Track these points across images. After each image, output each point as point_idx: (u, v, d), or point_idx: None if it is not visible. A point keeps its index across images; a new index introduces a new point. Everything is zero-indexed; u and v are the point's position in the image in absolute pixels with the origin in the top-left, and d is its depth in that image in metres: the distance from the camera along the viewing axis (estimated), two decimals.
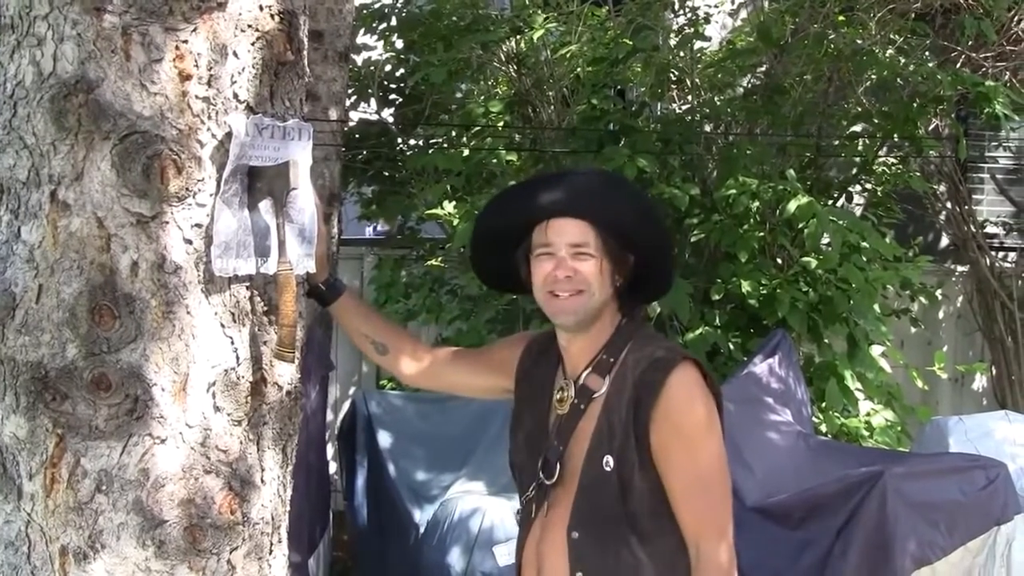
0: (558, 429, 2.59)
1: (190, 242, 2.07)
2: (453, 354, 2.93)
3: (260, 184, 2.18)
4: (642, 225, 2.63)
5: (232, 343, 2.14)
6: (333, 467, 5.44)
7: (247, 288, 2.17)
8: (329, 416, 5.37)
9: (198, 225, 2.08)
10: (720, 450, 2.51)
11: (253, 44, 2.15)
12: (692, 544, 2.50)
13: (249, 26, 2.13)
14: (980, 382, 8.56)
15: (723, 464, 2.51)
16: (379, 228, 7.92)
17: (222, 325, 2.12)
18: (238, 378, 2.15)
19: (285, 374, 2.27)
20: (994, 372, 8.30)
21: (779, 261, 5.85)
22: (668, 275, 2.74)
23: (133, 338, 2.03)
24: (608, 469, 2.47)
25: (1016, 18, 6.57)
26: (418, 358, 2.88)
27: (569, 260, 2.54)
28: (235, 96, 2.13)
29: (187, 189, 2.06)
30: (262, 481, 2.23)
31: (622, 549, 2.49)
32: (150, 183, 2.02)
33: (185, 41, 2.05)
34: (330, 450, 5.38)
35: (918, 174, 7.03)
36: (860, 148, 6.75)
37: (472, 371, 2.88)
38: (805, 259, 5.58)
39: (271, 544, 2.28)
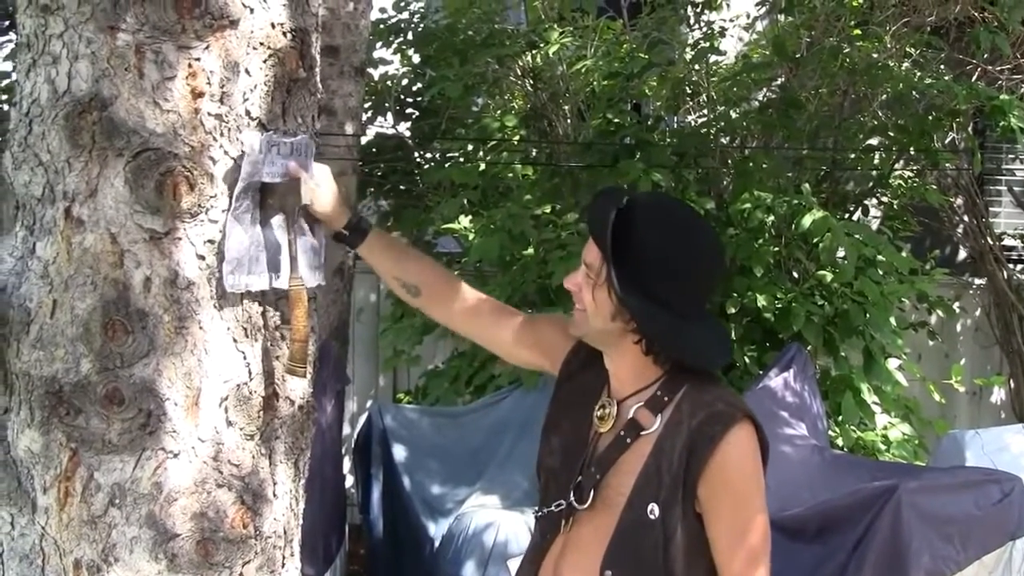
0: (598, 456, 2.49)
1: (203, 258, 2.09)
2: (498, 309, 2.79)
3: (272, 200, 2.20)
4: (666, 276, 2.40)
5: (244, 358, 2.15)
6: (349, 480, 5.45)
7: (259, 303, 2.19)
8: (345, 430, 5.39)
9: (210, 241, 2.10)
10: (764, 504, 2.45)
11: (265, 61, 2.17)
12: None
13: (261, 44, 2.15)
14: (998, 395, 8.52)
15: (766, 517, 2.44)
16: None
17: (234, 340, 2.14)
18: (250, 393, 2.16)
19: (297, 389, 2.28)
20: (1012, 385, 8.26)
21: (794, 275, 5.85)
22: (680, 347, 2.45)
23: (146, 353, 2.05)
24: (652, 517, 2.38)
25: None
26: (456, 301, 2.76)
27: (579, 275, 2.46)
28: (247, 113, 2.14)
29: (199, 205, 2.07)
30: (274, 495, 2.24)
31: None
32: (163, 199, 2.04)
33: (198, 59, 2.07)
34: (346, 464, 5.39)
35: (934, 187, 7.02)
36: (876, 161, 6.74)
37: (517, 338, 2.72)
38: (820, 273, 5.57)
39: (283, 558, 2.29)
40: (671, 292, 2.41)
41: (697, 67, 6.63)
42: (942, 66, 6.92)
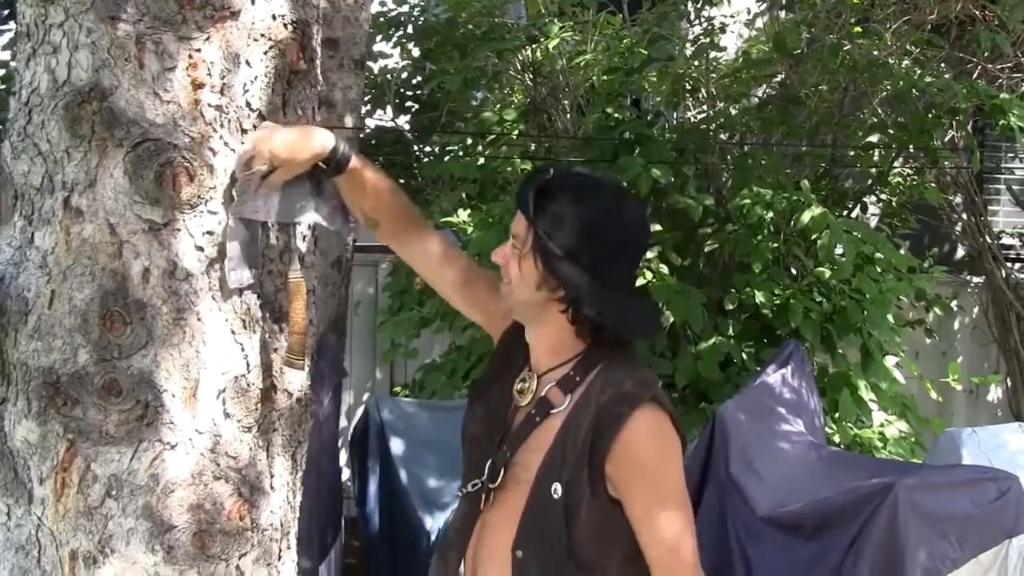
0: (510, 434, 2.47)
1: (201, 249, 2.09)
2: (449, 254, 2.71)
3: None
4: (591, 241, 2.36)
5: (242, 350, 2.15)
6: (346, 474, 5.44)
7: (258, 295, 2.18)
8: (342, 423, 5.38)
9: (209, 232, 2.09)
10: (681, 480, 2.40)
11: (266, 53, 2.17)
12: (655, 569, 2.39)
13: (262, 35, 2.15)
14: (995, 394, 8.52)
15: (685, 496, 2.40)
16: None
17: (232, 332, 2.14)
18: (248, 385, 2.16)
19: (295, 381, 2.28)
20: (1009, 384, 8.26)
21: (793, 271, 5.84)
22: (613, 318, 2.41)
23: (144, 344, 2.05)
24: (556, 497, 2.35)
25: None
26: (412, 242, 2.68)
27: (507, 247, 2.43)
28: (247, 105, 2.14)
29: (199, 197, 2.07)
30: (271, 487, 2.24)
31: (576, 573, 2.39)
32: (162, 190, 2.04)
33: (198, 50, 2.07)
34: (343, 456, 5.39)
35: (933, 185, 7.01)
36: (875, 159, 6.74)
37: (458, 288, 2.68)
38: (819, 269, 5.57)
39: (280, 550, 2.30)
40: (596, 260, 2.37)
41: (697, 63, 6.62)
42: (942, 64, 6.92)
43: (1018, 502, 3.87)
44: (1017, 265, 8.73)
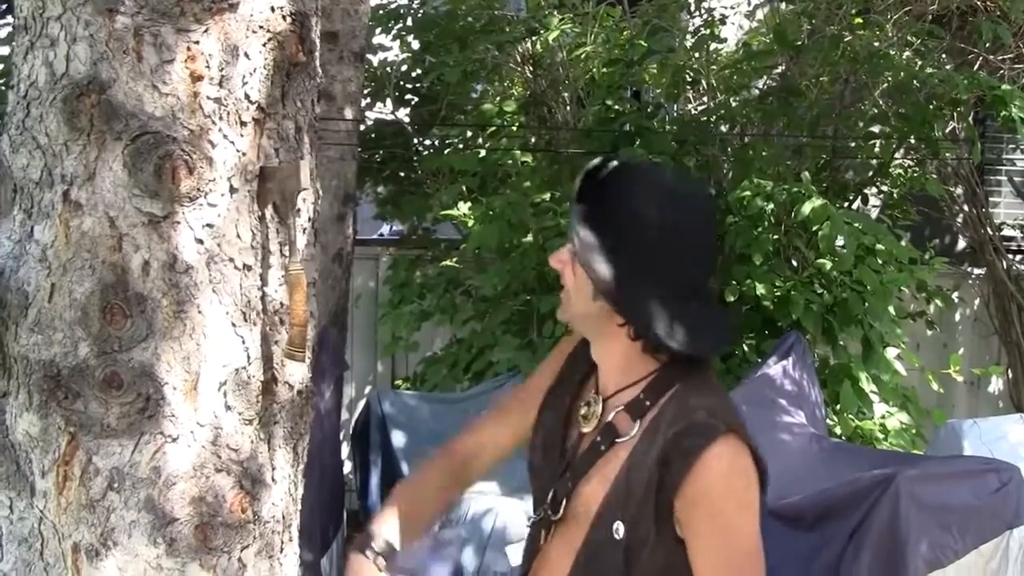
0: (573, 463, 2.23)
1: (201, 242, 2.08)
2: (482, 442, 2.50)
3: (271, 184, 2.19)
4: (645, 248, 2.10)
5: (243, 342, 2.15)
6: (348, 467, 5.45)
7: (258, 288, 2.18)
8: (344, 416, 5.38)
9: (209, 225, 2.09)
10: (757, 534, 2.11)
11: (264, 45, 2.16)
12: None
13: (261, 27, 2.14)
14: (996, 385, 8.53)
15: (759, 549, 2.11)
16: (394, 228, 7.94)
17: (233, 325, 2.13)
18: (249, 377, 2.16)
19: (296, 373, 2.28)
20: (1010, 375, 8.27)
21: (794, 263, 5.84)
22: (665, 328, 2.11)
23: (144, 337, 2.04)
24: (618, 537, 2.10)
25: None
26: (473, 466, 2.49)
27: (565, 251, 2.19)
28: (246, 97, 2.14)
29: (198, 189, 2.07)
30: (273, 480, 2.24)
31: None
32: (161, 183, 2.03)
33: (196, 42, 2.06)
34: (344, 449, 5.39)
35: (934, 177, 7.02)
36: (876, 150, 6.74)
37: (509, 432, 2.46)
38: (820, 261, 5.57)
39: (282, 543, 2.29)
40: (657, 266, 2.10)
41: (697, 54, 6.62)
42: (943, 55, 6.92)
43: (1019, 493, 3.88)
44: (1018, 257, 8.72)
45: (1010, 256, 8.44)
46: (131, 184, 2.03)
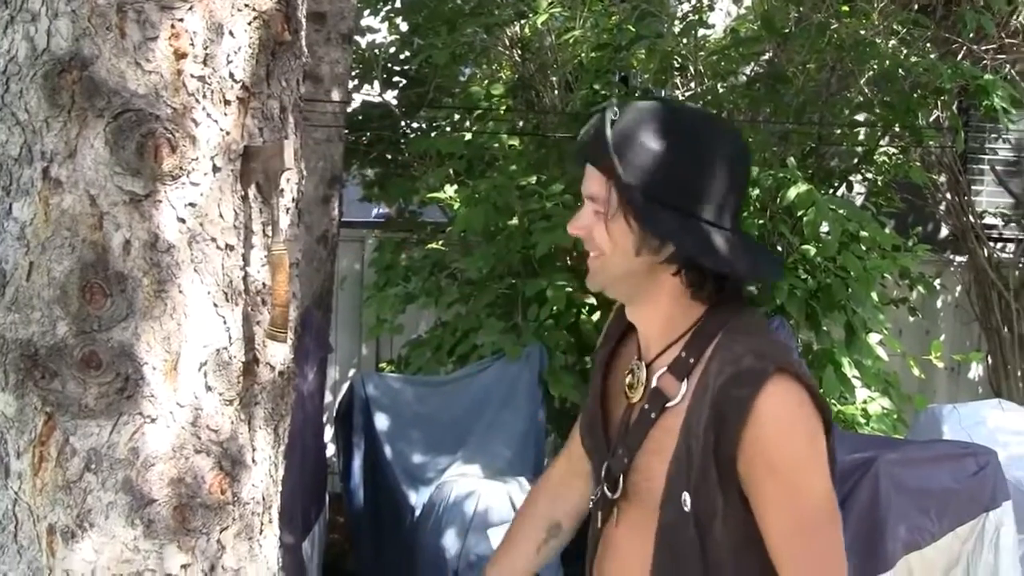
0: (624, 435, 2.11)
1: (183, 221, 2.07)
2: (556, 483, 2.45)
3: (255, 164, 2.18)
4: (686, 178, 2.01)
5: (225, 323, 2.13)
6: (330, 449, 5.44)
7: (240, 268, 2.17)
8: (327, 398, 5.38)
9: (192, 204, 2.07)
10: (827, 486, 1.97)
11: (250, 23, 2.15)
12: None
13: (246, 5, 2.13)
14: (976, 371, 8.58)
15: (831, 504, 1.98)
16: (381, 211, 7.93)
17: (215, 305, 2.12)
18: (230, 358, 2.15)
19: (278, 354, 2.27)
20: (990, 361, 8.32)
21: (778, 248, 5.84)
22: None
23: (124, 317, 2.03)
24: (686, 509, 1.97)
25: (1016, 12, 6.55)
26: (559, 505, 2.42)
27: (586, 216, 2.07)
28: (231, 76, 2.12)
29: (181, 168, 2.05)
30: (253, 461, 2.23)
31: None
32: (143, 161, 2.01)
33: (181, 19, 2.04)
34: (327, 432, 5.38)
35: (918, 164, 7.04)
36: (861, 138, 6.75)
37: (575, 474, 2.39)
38: (804, 247, 5.57)
39: (262, 524, 2.28)
40: (700, 199, 2.01)
41: (685, 40, 6.61)
42: (928, 44, 6.92)
43: (996, 477, 3.92)
44: (999, 245, 8.77)
45: (991, 244, 8.48)
46: (112, 162, 2.01)
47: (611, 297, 2.15)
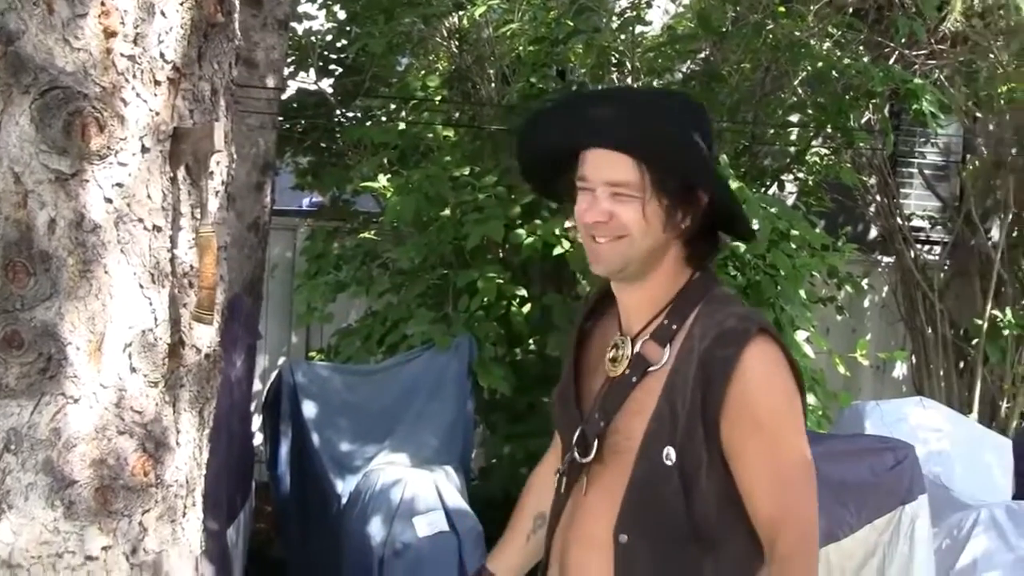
0: (603, 399, 2.20)
1: (110, 201, 2.06)
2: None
3: (184, 145, 2.17)
4: (705, 158, 2.18)
5: (150, 304, 2.12)
6: (259, 439, 5.41)
7: (168, 250, 2.16)
8: (257, 386, 5.35)
9: (119, 184, 2.06)
10: (804, 443, 2.10)
11: (182, 4, 2.14)
12: (767, 543, 2.09)
13: None
14: (900, 370, 8.73)
15: (806, 457, 2.10)
16: (313, 199, 7.88)
17: (141, 286, 2.11)
18: (155, 339, 2.14)
19: (204, 337, 2.26)
20: (914, 360, 8.45)
21: None
22: (734, 210, 2.23)
23: (48, 296, 2.01)
24: (669, 464, 2.06)
25: (946, 19, 6.65)
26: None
27: (604, 201, 2.12)
28: (162, 56, 2.11)
29: (109, 148, 2.04)
30: (177, 443, 2.22)
31: (683, 561, 2.11)
32: (71, 140, 2.00)
33: None
34: (256, 420, 5.36)
35: (849, 166, 7.13)
36: (793, 138, 6.82)
37: None
38: (734, 243, 5.62)
39: (185, 507, 2.28)
40: (708, 173, 2.21)
41: (623, 36, 6.63)
42: (861, 48, 7.01)
43: (913, 471, 4.00)
44: (926, 247, 8.91)
45: (918, 246, 8.62)
46: (38, 140, 1.99)
47: (618, 278, 2.22)
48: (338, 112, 7.35)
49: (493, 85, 6.83)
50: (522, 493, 2.57)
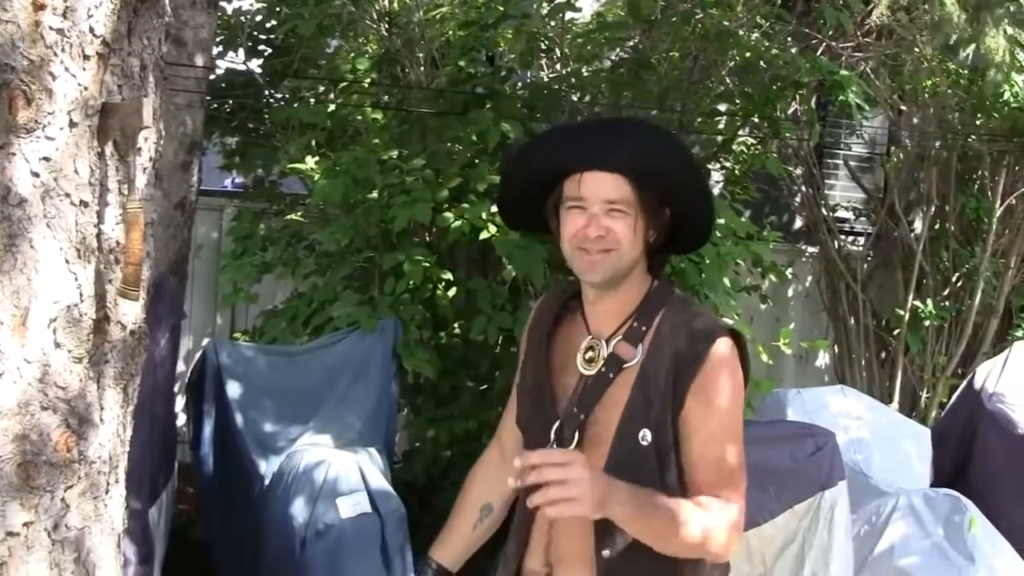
0: (581, 395, 2.49)
1: (37, 175, 2.04)
2: (510, 425, 2.76)
3: (112, 121, 2.16)
4: (684, 180, 2.53)
5: (76, 279, 2.12)
6: (182, 419, 5.38)
7: (94, 225, 2.15)
8: (181, 368, 5.31)
9: (46, 159, 2.05)
10: (740, 421, 2.47)
11: None
12: (716, 491, 2.41)
13: None
14: (823, 359, 8.85)
15: (740, 434, 2.46)
16: (236, 181, 7.83)
17: (67, 261, 2.10)
18: (81, 315, 2.13)
19: (129, 313, 2.25)
20: (836, 350, 8.57)
21: None
22: (706, 227, 2.63)
23: None
24: (645, 444, 2.39)
25: (871, 12, 6.74)
26: (496, 485, 2.77)
27: (602, 217, 2.42)
28: (91, 30, 2.10)
29: (36, 121, 2.03)
30: (101, 420, 2.21)
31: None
32: None
33: None
34: (180, 401, 5.32)
35: (775, 156, 7.20)
36: (721, 127, 6.88)
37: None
38: None
39: (108, 484, 2.27)
40: (683, 198, 2.53)
41: (552, 22, 6.66)
42: (789, 38, 7.08)
43: (833, 457, 4.06)
44: (850, 238, 9.03)
45: (842, 237, 8.74)
46: None
47: (603, 287, 2.50)
48: (267, 93, 7.31)
49: (422, 69, 6.82)
50: (465, 485, 2.82)
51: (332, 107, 6.36)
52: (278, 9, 7.09)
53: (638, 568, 2.42)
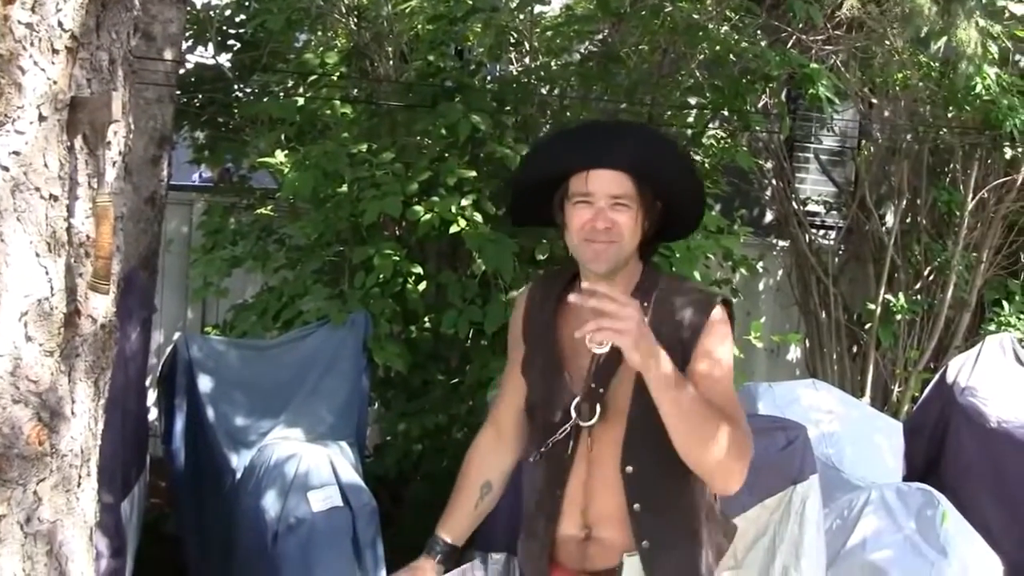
0: (595, 372, 2.69)
1: (7, 169, 2.04)
2: (498, 436, 2.97)
3: (81, 115, 2.16)
4: (677, 176, 2.77)
5: (47, 273, 2.12)
6: (154, 413, 5.37)
7: (64, 219, 2.15)
8: (152, 361, 5.30)
9: (16, 153, 2.05)
10: (731, 374, 2.70)
11: None
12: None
13: None
14: (794, 353, 8.88)
15: (732, 381, 2.69)
16: (204, 175, 7.81)
17: (37, 255, 2.10)
18: (51, 308, 2.13)
19: (100, 307, 2.26)
20: (807, 344, 8.60)
21: None
22: (695, 218, 2.90)
23: None
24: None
25: (842, 5, 6.77)
26: (500, 463, 2.96)
27: (608, 211, 2.64)
28: (60, 24, 2.10)
29: (6, 115, 2.03)
30: (73, 413, 2.22)
31: (680, 476, 2.64)
32: None
33: None
34: (151, 396, 5.31)
35: (745, 149, 7.21)
36: (690, 120, 6.90)
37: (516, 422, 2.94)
38: None
39: (80, 477, 2.28)
40: (677, 194, 2.77)
41: (521, 16, 6.67)
42: (758, 32, 7.10)
43: (804, 451, 4.07)
44: (821, 231, 9.06)
45: (813, 230, 8.76)
46: None
47: (607, 275, 2.68)
48: (236, 87, 7.30)
49: (391, 62, 6.82)
50: (464, 466, 2.97)
51: (301, 101, 6.35)
52: (247, 4, 7.09)
53: (664, 521, 2.67)
